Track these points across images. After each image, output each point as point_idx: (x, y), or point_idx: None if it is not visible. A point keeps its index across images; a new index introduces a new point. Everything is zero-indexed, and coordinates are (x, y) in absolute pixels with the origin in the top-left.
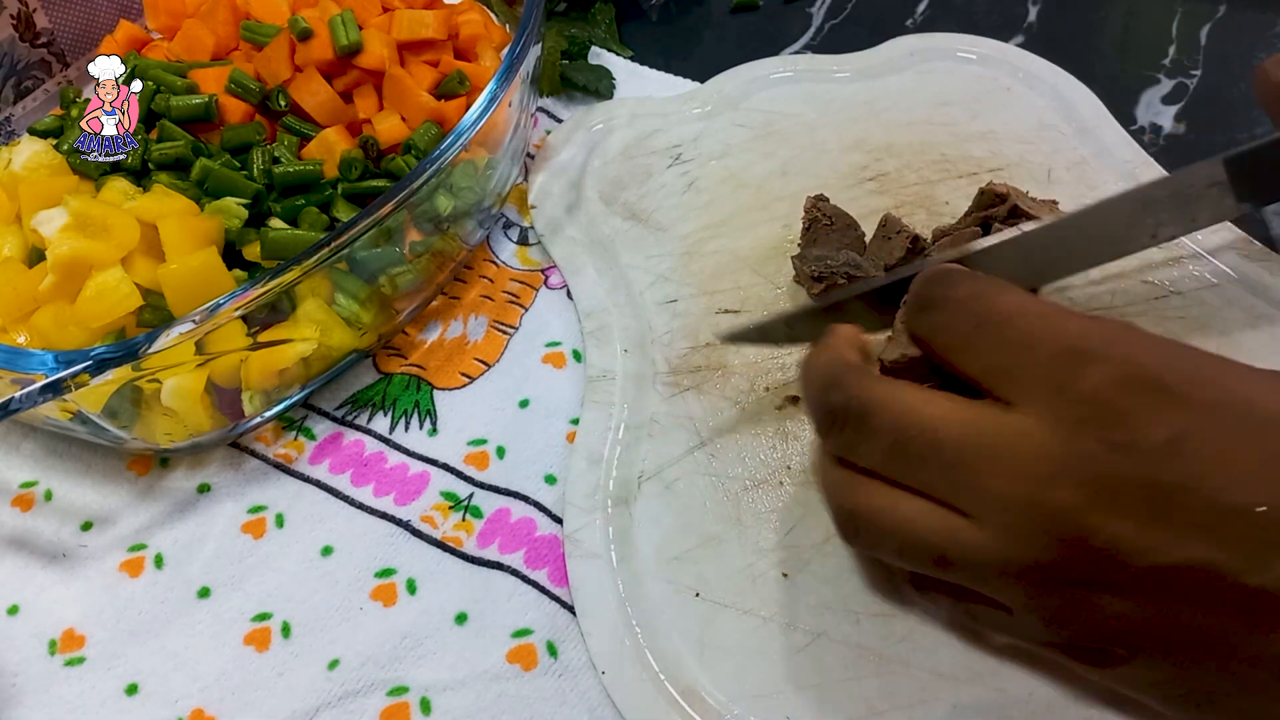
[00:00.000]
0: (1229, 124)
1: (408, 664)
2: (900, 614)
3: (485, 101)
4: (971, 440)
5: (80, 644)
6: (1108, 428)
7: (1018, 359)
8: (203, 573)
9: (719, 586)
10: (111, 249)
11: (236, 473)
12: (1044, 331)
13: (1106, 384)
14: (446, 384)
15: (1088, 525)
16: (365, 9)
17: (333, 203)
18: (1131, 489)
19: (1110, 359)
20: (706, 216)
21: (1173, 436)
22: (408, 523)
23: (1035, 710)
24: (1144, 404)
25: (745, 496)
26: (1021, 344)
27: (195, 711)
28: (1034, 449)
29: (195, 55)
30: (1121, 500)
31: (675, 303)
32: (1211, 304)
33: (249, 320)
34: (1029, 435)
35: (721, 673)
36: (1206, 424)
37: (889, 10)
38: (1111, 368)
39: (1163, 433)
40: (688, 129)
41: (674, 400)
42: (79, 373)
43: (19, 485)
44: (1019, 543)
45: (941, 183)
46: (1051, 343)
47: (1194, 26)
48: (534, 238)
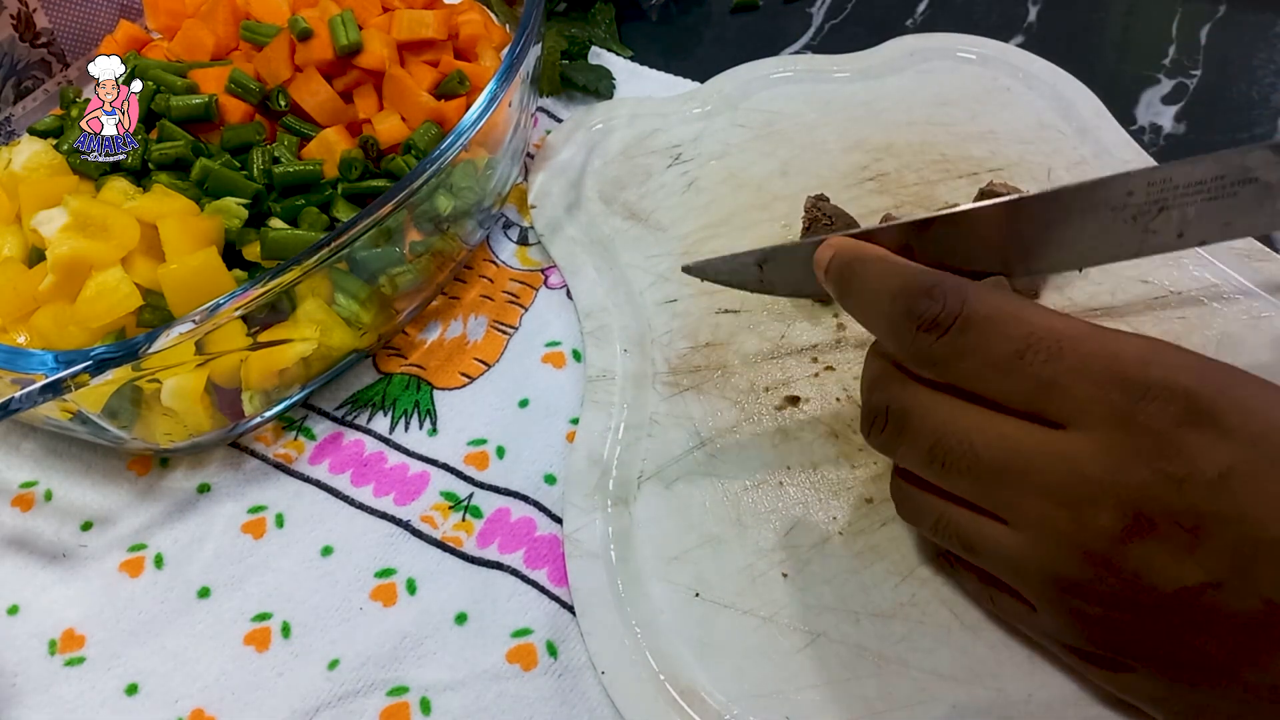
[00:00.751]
0: (1229, 124)
1: (408, 664)
2: (900, 615)
3: (485, 101)
4: (1009, 458)
5: (80, 644)
6: (1165, 460)
7: (1072, 385)
8: (203, 573)
9: (719, 586)
10: (111, 249)
11: (236, 473)
12: (1099, 359)
13: (1166, 417)
14: (446, 384)
15: (1123, 549)
16: (365, 9)
17: (333, 203)
18: (1173, 519)
19: (1172, 393)
20: (706, 216)
21: (1223, 471)
22: (408, 523)
23: (1035, 710)
24: (1200, 438)
25: (745, 496)
26: (1077, 371)
27: (195, 711)
28: (1081, 472)
29: (195, 55)
30: (1160, 529)
31: (675, 303)
32: (1211, 304)
33: (249, 320)
34: (1078, 459)
35: (721, 673)
36: (1252, 457)
37: (889, 10)
38: (1173, 403)
39: (1215, 468)
40: (688, 129)
41: (674, 400)
42: (79, 373)
43: (19, 485)
44: (1051, 555)
45: (941, 183)
46: (1109, 371)
47: (1194, 26)
48: (534, 238)
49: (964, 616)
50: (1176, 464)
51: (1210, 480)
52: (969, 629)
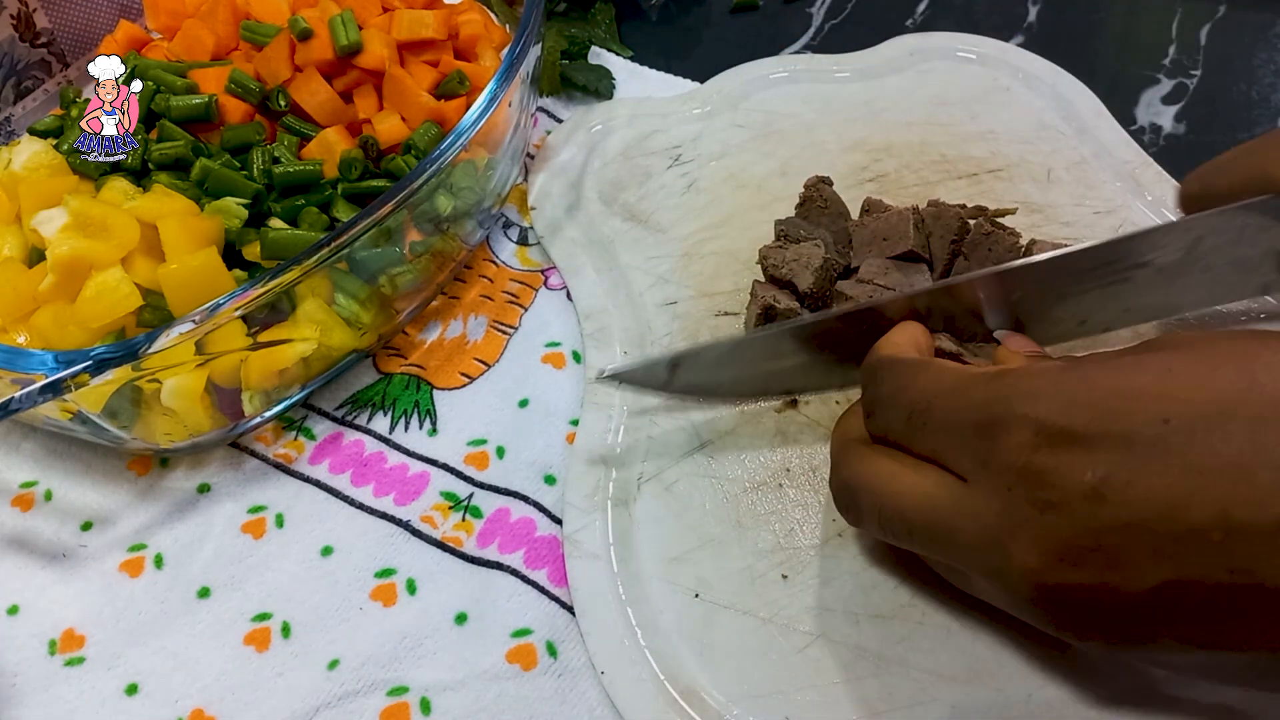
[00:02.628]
0: (1229, 124)
1: (408, 664)
2: (900, 616)
3: (485, 101)
4: (931, 519)
5: (80, 644)
6: (1032, 489)
7: (946, 442)
8: (203, 573)
9: (718, 587)
10: (111, 249)
11: (236, 473)
12: (956, 411)
13: (1019, 450)
14: (446, 384)
15: (1053, 582)
16: (365, 9)
17: (333, 203)
18: (1076, 542)
19: (1017, 423)
20: (706, 217)
21: (1097, 481)
22: (408, 523)
23: (1035, 710)
24: (1061, 459)
25: (745, 498)
26: (943, 427)
27: (195, 711)
28: (985, 522)
29: (195, 55)
30: (1072, 554)
31: (675, 304)
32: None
33: (249, 320)
34: (977, 509)
35: (721, 673)
36: (1127, 458)
37: (889, 10)
38: (1021, 433)
39: (1086, 481)
40: (687, 129)
41: (673, 402)
42: (79, 373)
43: (19, 485)
44: (1012, 604)
45: (941, 183)
46: (966, 420)
47: (1194, 26)
48: (534, 238)
49: (963, 617)
50: (1046, 490)
51: (1086, 494)
52: (969, 630)
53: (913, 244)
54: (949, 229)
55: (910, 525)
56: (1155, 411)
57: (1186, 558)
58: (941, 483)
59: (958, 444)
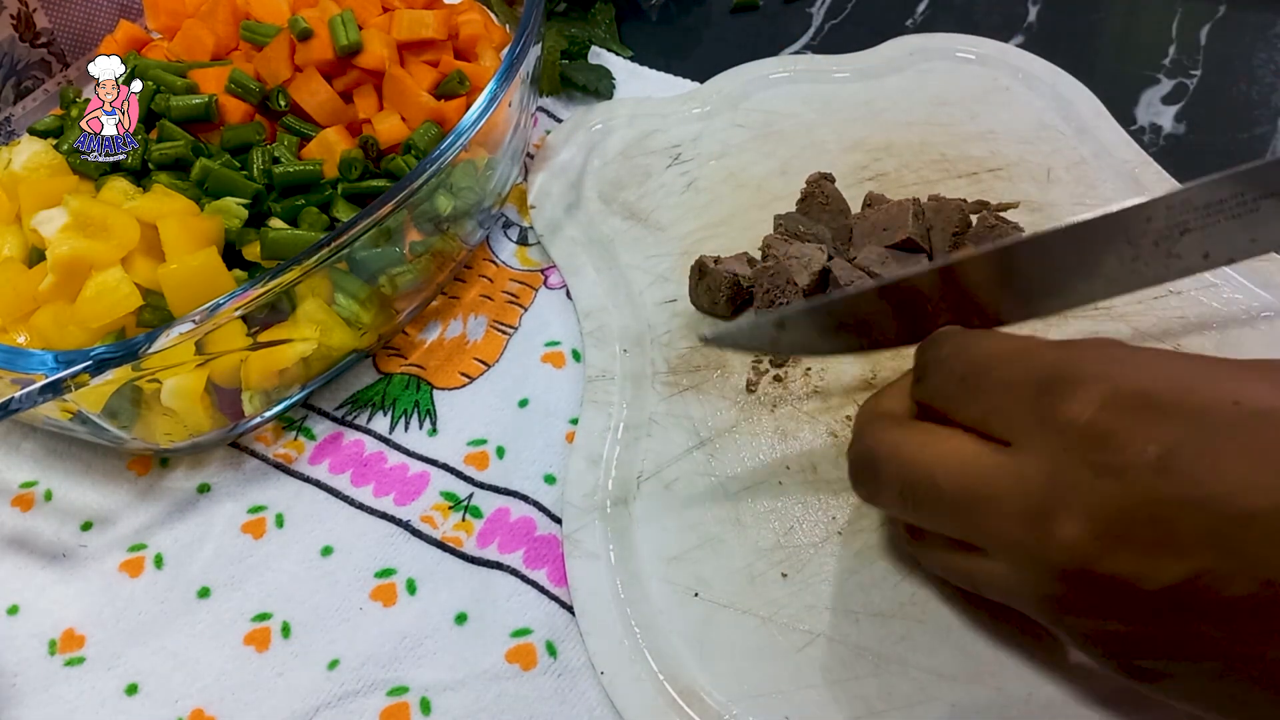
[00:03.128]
0: (1229, 124)
1: (407, 664)
2: (899, 614)
3: (485, 101)
4: (969, 485)
5: (80, 644)
6: (1094, 451)
7: (1001, 401)
8: (203, 573)
9: (718, 586)
10: (111, 249)
11: (236, 473)
12: (1022, 369)
13: (1088, 408)
14: (446, 384)
15: (1090, 558)
16: (365, 9)
17: (333, 203)
18: (1129, 514)
19: (1088, 382)
20: (706, 216)
21: (1164, 451)
22: (407, 523)
23: (1035, 710)
24: (1130, 422)
25: (744, 497)
26: (1001, 385)
27: (195, 711)
28: (1030, 488)
29: (195, 55)
30: (1120, 527)
31: (674, 302)
32: (1211, 304)
33: (249, 320)
34: (1024, 475)
35: (720, 673)
36: (1197, 432)
37: (889, 10)
38: (1091, 390)
39: (1154, 449)
40: (687, 129)
41: (673, 400)
42: (79, 373)
43: (19, 485)
44: (1031, 580)
45: (941, 183)
46: (1030, 378)
47: (1194, 26)
48: (534, 238)
49: (963, 616)
50: (1106, 454)
51: (1151, 463)
52: (969, 628)
53: (911, 232)
54: (950, 222)
55: (941, 493)
56: (1228, 392)
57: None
58: (984, 449)
59: (1012, 403)
